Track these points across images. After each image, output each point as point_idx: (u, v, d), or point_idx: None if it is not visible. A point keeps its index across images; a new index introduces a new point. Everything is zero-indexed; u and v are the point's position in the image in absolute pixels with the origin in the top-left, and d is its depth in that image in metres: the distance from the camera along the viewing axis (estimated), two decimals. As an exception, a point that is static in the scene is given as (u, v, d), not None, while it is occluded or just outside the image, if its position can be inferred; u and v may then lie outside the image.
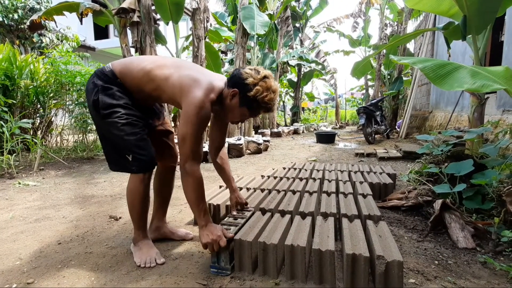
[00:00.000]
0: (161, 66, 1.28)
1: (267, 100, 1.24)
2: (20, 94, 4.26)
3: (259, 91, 1.22)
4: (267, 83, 1.24)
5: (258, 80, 1.23)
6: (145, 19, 4.19)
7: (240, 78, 1.25)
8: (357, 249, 1.11)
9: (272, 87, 1.25)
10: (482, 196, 1.78)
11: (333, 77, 14.70)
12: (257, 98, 1.23)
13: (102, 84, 1.29)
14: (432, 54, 7.27)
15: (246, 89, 1.23)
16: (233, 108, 1.29)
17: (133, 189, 1.34)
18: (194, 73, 1.25)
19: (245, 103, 1.26)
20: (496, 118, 3.76)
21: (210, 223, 1.25)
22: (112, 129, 1.28)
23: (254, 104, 1.25)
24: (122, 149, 1.29)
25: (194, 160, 1.22)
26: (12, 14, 7.01)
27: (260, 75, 1.24)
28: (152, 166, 1.36)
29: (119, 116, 1.27)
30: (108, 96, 1.28)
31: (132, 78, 1.30)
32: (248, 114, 1.30)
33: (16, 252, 1.48)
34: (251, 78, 1.23)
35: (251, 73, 1.25)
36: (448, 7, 2.65)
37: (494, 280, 1.21)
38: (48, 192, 2.62)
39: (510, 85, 1.58)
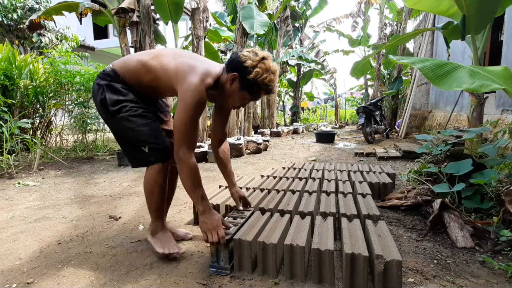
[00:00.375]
0: (157, 56, 1.29)
1: (267, 82, 1.22)
2: (19, 94, 4.26)
3: (259, 73, 1.20)
4: (266, 64, 1.22)
5: (256, 62, 1.21)
6: (144, 19, 4.19)
7: (239, 61, 1.23)
8: (356, 248, 1.12)
9: (271, 68, 1.23)
10: (481, 196, 1.79)
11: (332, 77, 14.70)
12: (257, 81, 1.21)
13: (106, 82, 1.31)
14: (432, 53, 7.28)
15: (245, 72, 1.21)
16: (233, 92, 1.27)
17: (151, 179, 1.34)
18: (190, 60, 1.25)
19: (246, 86, 1.24)
20: (495, 118, 3.76)
21: (208, 209, 1.25)
22: (124, 123, 1.29)
23: (254, 87, 1.24)
24: (137, 142, 1.30)
25: (188, 147, 1.21)
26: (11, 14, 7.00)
27: (259, 57, 1.22)
28: (169, 155, 1.35)
29: (128, 109, 1.28)
30: (114, 93, 1.30)
31: (130, 72, 1.31)
32: (249, 97, 1.28)
33: (16, 252, 1.48)
34: (249, 60, 1.21)
35: (249, 55, 1.23)
36: (447, 6, 2.66)
37: (492, 279, 1.21)
38: (47, 192, 2.62)
39: (509, 84, 1.59)
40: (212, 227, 1.21)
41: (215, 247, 1.24)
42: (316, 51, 11.79)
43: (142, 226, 1.79)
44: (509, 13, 3.70)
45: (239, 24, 5.73)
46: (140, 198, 2.40)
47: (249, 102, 1.33)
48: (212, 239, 1.20)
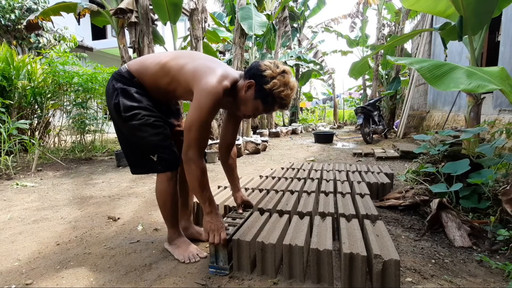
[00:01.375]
0: (176, 57, 1.28)
1: (284, 96, 1.20)
2: (17, 94, 4.25)
3: (276, 85, 1.18)
4: (286, 78, 1.20)
5: (276, 73, 1.19)
6: (143, 20, 4.19)
7: (258, 69, 1.21)
8: (355, 248, 1.12)
9: (290, 83, 1.21)
10: (479, 195, 1.80)
11: (331, 77, 14.74)
12: (273, 92, 1.19)
13: (121, 86, 1.29)
14: (430, 54, 7.31)
15: (263, 81, 1.19)
16: (247, 100, 1.24)
17: (163, 189, 1.34)
18: (209, 63, 1.24)
19: (260, 96, 1.21)
20: (492, 118, 3.78)
21: (215, 211, 1.24)
22: (135, 131, 1.28)
23: (269, 98, 1.21)
24: (147, 150, 1.30)
25: (199, 148, 1.18)
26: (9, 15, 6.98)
27: (280, 69, 1.21)
28: (178, 164, 1.35)
29: (140, 117, 1.27)
30: (128, 98, 1.28)
31: (148, 74, 1.30)
32: (262, 108, 1.25)
33: (15, 253, 1.48)
34: (269, 70, 1.19)
35: (270, 66, 1.21)
36: (444, 7, 2.67)
37: (490, 278, 1.22)
38: (46, 193, 2.61)
39: (505, 85, 1.60)
40: (216, 228, 1.21)
41: (214, 248, 1.24)
42: (315, 52, 11.83)
43: (141, 227, 1.79)
44: (506, 14, 3.73)
45: (238, 25, 5.74)
46: (139, 198, 2.40)
47: (261, 113, 1.29)
48: (214, 240, 1.21)
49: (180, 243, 1.41)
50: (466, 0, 2.25)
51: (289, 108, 1.28)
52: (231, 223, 1.42)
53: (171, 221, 1.41)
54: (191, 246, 1.41)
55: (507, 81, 1.64)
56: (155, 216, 1.98)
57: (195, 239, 1.57)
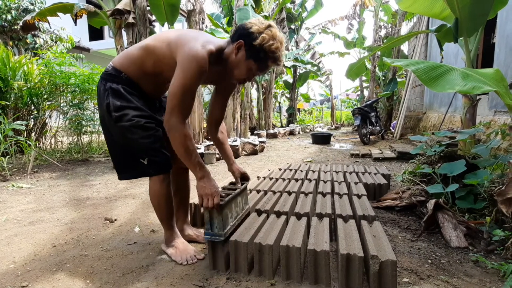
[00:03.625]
0: (157, 36, 1.27)
1: (274, 49, 1.17)
2: (13, 95, 4.22)
3: (265, 39, 1.15)
4: (273, 32, 1.17)
5: (263, 28, 1.17)
6: (140, 21, 4.18)
7: (245, 28, 1.19)
8: (352, 249, 1.13)
9: (277, 36, 1.18)
10: (474, 196, 1.81)
11: (328, 78, 14.79)
12: (263, 47, 1.16)
13: (110, 85, 1.27)
14: (426, 55, 7.36)
15: (251, 38, 1.17)
16: (239, 62, 1.21)
17: (156, 191, 1.33)
18: (191, 33, 1.24)
19: (252, 54, 1.19)
20: (488, 119, 3.81)
21: (207, 175, 1.21)
22: (125, 133, 1.26)
23: (261, 54, 1.18)
24: (137, 153, 1.28)
25: (182, 114, 1.15)
26: (5, 15, 6.93)
27: (265, 24, 1.18)
28: (169, 167, 1.34)
29: (130, 118, 1.24)
30: (117, 97, 1.26)
31: (132, 62, 1.27)
32: (255, 67, 1.22)
33: (10, 255, 1.47)
34: (256, 26, 1.17)
35: (256, 22, 1.19)
36: (440, 10, 2.70)
37: (486, 278, 1.23)
38: (42, 194, 2.59)
39: (500, 86, 1.62)
40: (210, 192, 1.19)
41: (209, 214, 1.22)
42: (312, 53, 11.86)
43: (138, 228, 1.79)
44: (501, 16, 3.77)
45: (235, 26, 5.75)
46: (135, 200, 2.39)
47: (255, 74, 1.26)
48: (207, 204, 1.19)
49: (178, 244, 1.41)
50: (462, 3, 2.28)
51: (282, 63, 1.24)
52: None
53: (167, 222, 1.40)
54: (188, 248, 1.41)
55: (502, 82, 1.66)
56: (152, 218, 1.98)
57: (192, 241, 1.56)
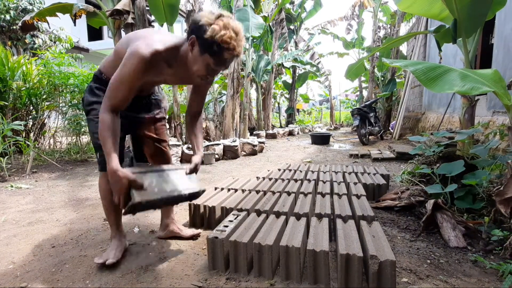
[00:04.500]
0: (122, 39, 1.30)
1: (227, 39, 1.09)
2: (12, 95, 4.21)
3: (215, 30, 1.09)
4: (224, 21, 1.11)
5: (213, 20, 1.11)
6: (139, 21, 4.18)
7: (195, 22, 1.14)
8: (351, 249, 1.13)
9: (230, 24, 1.11)
10: (473, 196, 1.82)
11: (327, 79, 14.81)
12: (215, 39, 1.09)
13: (90, 84, 1.36)
14: (425, 56, 7.38)
15: (202, 31, 1.11)
16: (196, 59, 1.16)
17: (101, 186, 1.38)
18: (145, 32, 1.24)
19: (205, 48, 1.12)
20: (486, 120, 3.83)
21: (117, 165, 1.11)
22: (90, 126, 1.34)
23: (214, 47, 1.11)
24: (94, 146, 1.35)
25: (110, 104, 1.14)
26: (4, 15, 6.91)
27: (215, 14, 1.12)
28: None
29: (96, 114, 1.29)
30: (90, 94, 1.34)
31: (109, 66, 1.32)
32: (212, 62, 1.15)
33: (9, 256, 1.47)
34: (205, 18, 1.12)
35: (205, 14, 1.13)
36: (439, 10, 2.71)
37: (484, 278, 1.23)
38: (41, 195, 2.59)
39: (499, 87, 1.62)
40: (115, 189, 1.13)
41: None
42: (311, 53, 11.87)
43: (137, 229, 1.78)
44: (499, 17, 3.78)
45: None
46: (135, 200, 2.38)
47: (214, 68, 1.19)
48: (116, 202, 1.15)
49: (114, 243, 1.43)
50: (460, 3, 2.29)
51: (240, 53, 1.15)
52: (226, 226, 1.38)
53: (108, 218, 1.44)
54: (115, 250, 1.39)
55: (500, 83, 1.67)
56: (152, 218, 1.98)
57: (176, 237, 1.62)
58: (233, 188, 2.13)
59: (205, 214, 1.80)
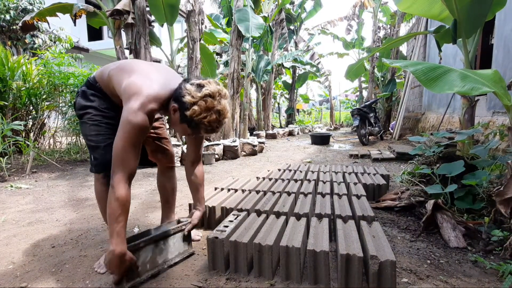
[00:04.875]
0: (118, 68, 1.28)
1: (207, 122, 1.11)
2: (12, 95, 4.21)
3: (196, 112, 1.10)
4: (208, 103, 1.10)
5: (197, 99, 1.10)
6: (139, 21, 4.18)
7: (180, 93, 1.14)
8: (351, 249, 1.13)
9: (214, 107, 1.11)
10: (473, 196, 1.82)
11: (327, 79, 14.81)
12: (194, 119, 1.11)
13: (83, 89, 1.38)
14: (424, 56, 7.38)
15: (183, 107, 1.12)
16: (175, 122, 1.20)
17: (96, 188, 1.39)
18: (141, 80, 1.17)
19: (184, 120, 1.15)
20: (486, 120, 3.83)
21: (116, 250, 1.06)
22: (83, 129, 1.36)
23: (192, 123, 1.14)
24: (88, 148, 1.37)
25: (124, 172, 1.10)
26: (3, 15, 6.91)
27: (201, 94, 1.11)
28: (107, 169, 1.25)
29: (89, 117, 1.33)
30: (83, 98, 1.36)
31: (104, 82, 1.34)
32: (190, 132, 1.19)
33: (9, 256, 1.47)
34: (188, 96, 1.11)
35: (191, 90, 1.12)
36: (439, 11, 2.71)
37: (484, 278, 1.23)
38: (41, 195, 2.59)
39: (499, 87, 1.62)
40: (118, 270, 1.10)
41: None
42: (311, 54, 11.87)
43: (137, 229, 1.78)
44: (499, 18, 3.78)
45: (235, 27, 5.76)
46: (135, 200, 2.39)
47: (193, 135, 1.26)
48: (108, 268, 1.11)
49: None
50: (460, 4, 2.29)
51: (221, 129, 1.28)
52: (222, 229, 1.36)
53: (105, 220, 1.43)
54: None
55: (500, 83, 1.67)
56: (152, 218, 1.98)
57: None
58: (233, 188, 2.13)
59: (205, 214, 1.80)
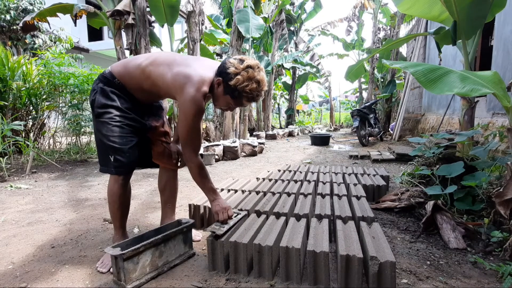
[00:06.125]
0: (154, 62, 1.32)
1: (249, 90, 1.25)
2: (12, 96, 4.21)
3: (239, 81, 1.23)
4: (250, 73, 1.24)
5: (240, 69, 1.24)
6: (140, 22, 4.19)
7: (224, 67, 1.27)
8: (351, 250, 1.13)
9: (255, 77, 1.25)
10: (473, 198, 1.82)
11: (327, 80, 14.83)
12: (237, 88, 1.24)
13: (101, 86, 1.36)
14: (424, 58, 7.39)
15: (227, 78, 1.25)
16: (219, 96, 1.32)
17: (111, 189, 1.39)
18: (185, 69, 1.28)
19: (228, 91, 1.28)
20: (486, 121, 3.83)
21: (218, 198, 1.39)
22: (102, 129, 1.33)
23: (236, 93, 1.27)
24: (107, 148, 1.34)
25: (192, 150, 1.31)
26: (4, 15, 6.92)
27: (243, 65, 1.25)
28: (129, 171, 1.39)
29: (111, 117, 1.33)
30: (103, 97, 1.35)
31: (131, 77, 1.36)
32: (233, 102, 1.32)
33: (9, 256, 1.46)
34: (233, 67, 1.25)
35: (234, 63, 1.26)
36: (439, 12, 2.71)
37: (484, 279, 1.23)
38: (40, 195, 2.59)
39: (498, 89, 1.63)
40: (223, 207, 1.36)
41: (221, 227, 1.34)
42: (311, 55, 11.90)
43: (137, 229, 1.78)
44: (498, 19, 3.79)
45: (235, 27, 5.76)
46: (134, 201, 2.39)
47: (235, 106, 1.36)
48: (223, 217, 1.35)
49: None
50: (460, 5, 2.29)
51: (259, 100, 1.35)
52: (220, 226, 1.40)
53: (114, 222, 1.45)
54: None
55: (499, 85, 1.67)
56: (151, 219, 1.98)
57: None
58: (233, 189, 2.13)
59: (205, 215, 1.80)
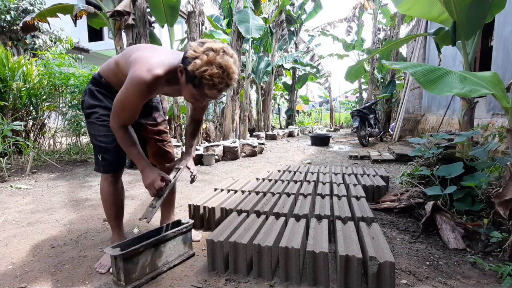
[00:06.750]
0: (125, 52, 1.30)
1: (208, 76, 1.06)
2: (12, 96, 4.21)
3: (197, 65, 1.05)
4: (210, 57, 1.06)
5: (199, 53, 1.07)
6: (140, 22, 4.19)
7: (185, 52, 1.12)
8: (350, 250, 1.13)
9: (215, 61, 1.06)
10: (472, 198, 1.82)
11: (327, 80, 14.83)
12: (195, 73, 1.07)
13: (89, 86, 1.38)
14: (424, 58, 7.40)
15: (186, 63, 1.09)
16: (183, 85, 1.17)
17: (102, 188, 1.40)
18: (148, 53, 1.21)
19: (189, 79, 1.11)
20: (485, 122, 3.83)
21: (146, 167, 1.26)
22: (91, 129, 1.36)
23: (195, 80, 1.08)
24: (95, 148, 1.37)
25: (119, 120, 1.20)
26: (4, 15, 6.93)
27: (204, 47, 1.07)
28: (116, 169, 1.39)
29: (97, 117, 1.34)
30: (91, 97, 1.36)
31: (111, 72, 1.35)
32: (197, 93, 1.13)
33: (9, 256, 1.47)
34: (191, 50, 1.08)
35: (194, 46, 1.10)
36: (438, 13, 2.72)
37: (483, 280, 1.24)
38: (41, 195, 2.59)
39: (498, 90, 1.63)
40: (150, 181, 1.26)
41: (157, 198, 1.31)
42: (311, 55, 11.90)
43: (137, 230, 1.79)
44: (498, 20, 3.80)
45: (235, 28, 5.77)
46: (134, 201, 2.39)
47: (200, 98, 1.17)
48: (152, 193, 1.28)
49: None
50: (460, 6, 2.30)
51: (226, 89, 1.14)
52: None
53: (110, 222, 1.45)
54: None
55: (499, 85, 1.67)
56: (151, 219, 1.98)
57: None
58: (233, 189, 2.13)
59: (204, 215, 1.80)
